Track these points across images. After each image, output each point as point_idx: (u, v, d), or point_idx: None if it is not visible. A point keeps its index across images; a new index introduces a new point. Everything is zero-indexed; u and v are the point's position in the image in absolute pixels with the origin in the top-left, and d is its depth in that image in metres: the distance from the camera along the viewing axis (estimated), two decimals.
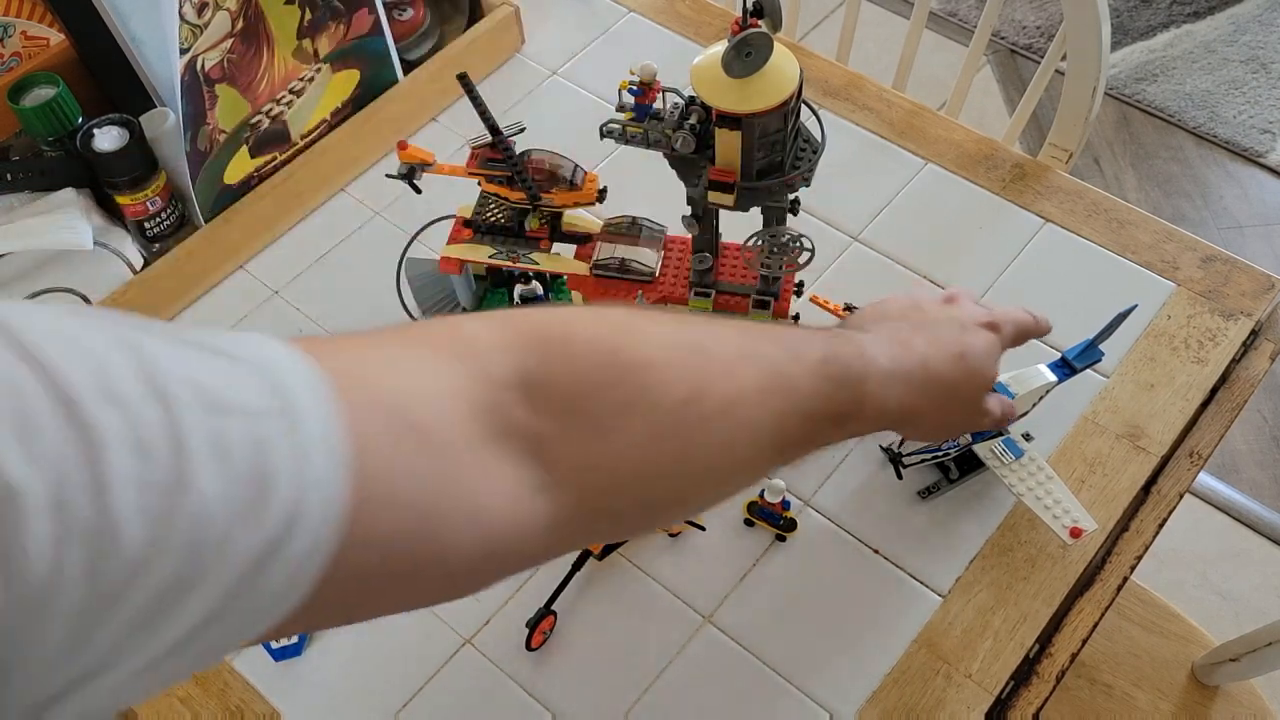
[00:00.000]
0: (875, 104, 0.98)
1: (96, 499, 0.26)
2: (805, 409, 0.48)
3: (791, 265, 0.69)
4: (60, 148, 0.88)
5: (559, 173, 0.74)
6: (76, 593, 0.26)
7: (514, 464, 0.39)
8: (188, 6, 0.80)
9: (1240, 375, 0.80)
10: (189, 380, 0.29)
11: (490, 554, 0.38)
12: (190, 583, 0.28)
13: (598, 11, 1.08)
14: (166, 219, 0.90)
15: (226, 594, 0.29)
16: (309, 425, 0.31)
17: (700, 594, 0.72)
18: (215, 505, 0.29)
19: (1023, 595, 0.70)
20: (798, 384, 0.48)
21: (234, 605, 0.30)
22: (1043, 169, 0.92)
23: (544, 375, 0.40)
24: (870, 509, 0.74)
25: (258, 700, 0.69)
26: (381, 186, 0.95)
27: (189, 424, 0.28)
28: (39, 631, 0.26)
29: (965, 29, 2.25)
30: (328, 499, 0.31)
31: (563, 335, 0.42)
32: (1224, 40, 2.20)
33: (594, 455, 0.41)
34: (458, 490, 0.37)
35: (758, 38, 0.58)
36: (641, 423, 0.42)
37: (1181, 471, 0.75)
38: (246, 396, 0.31)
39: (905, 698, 0.67)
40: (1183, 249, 0.86)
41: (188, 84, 0.84)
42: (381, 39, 0.97)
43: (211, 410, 0.29)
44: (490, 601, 0.72)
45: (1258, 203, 1.98)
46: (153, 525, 0.27)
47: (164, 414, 0.28)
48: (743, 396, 0.45)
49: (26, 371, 0.26)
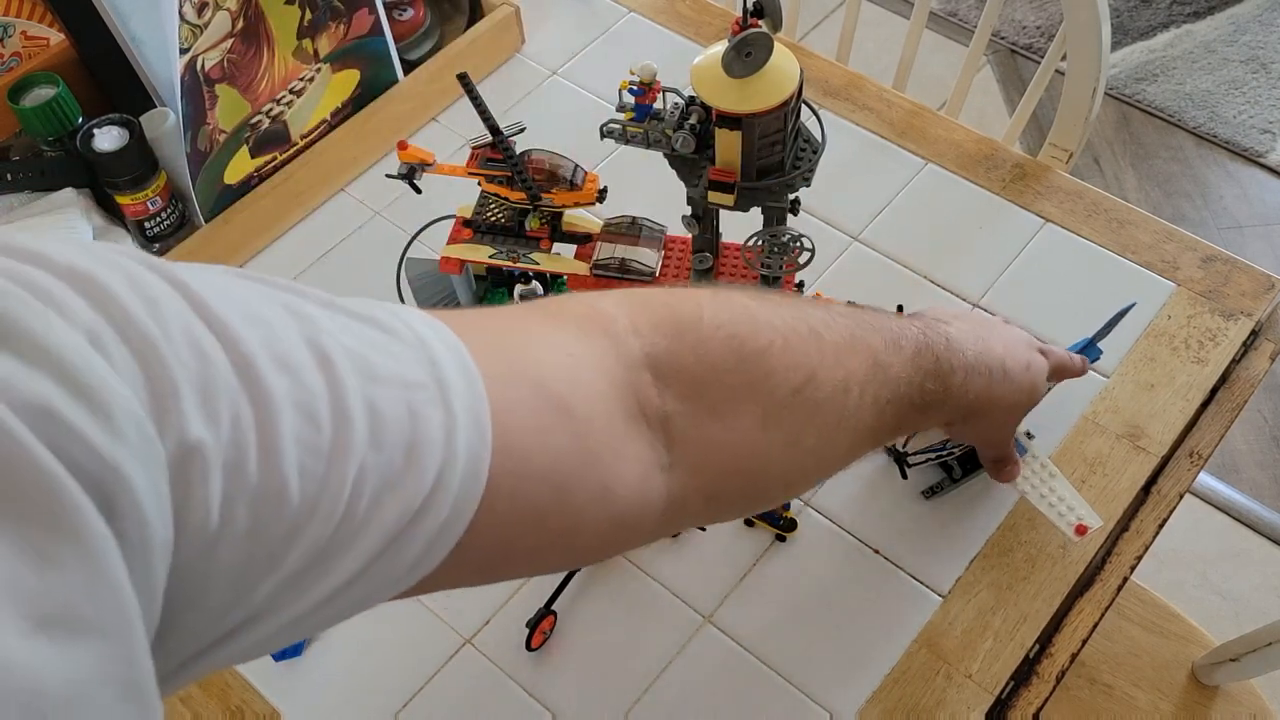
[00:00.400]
0: (875, 104, 0.98)
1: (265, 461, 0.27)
2: (900, 397, 0.49)
3: (792, 265, 0.69)
4: (60, 148, 0.88)
5: (559, 173, 0.73)
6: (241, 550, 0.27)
7: (644, 443, 0.40)
8: (188, 6, 0.80)
9: (1240, 375, 0.80)
10: (349, 349, 0.30)
11: (616, 529, 0.39)
12: (341, 545, 0.29)
13: (598, 11, 1.08)
14: (166, 219, 0.90)
15: (372, 556, 0.30)
16: (457, 398, 0.32)
17: (700, 594, 0.72)
18: (370, 472, 0.30)
19: (1023, 595, 0.70)
20: (895, 374, 0.49)
21: (378, 567, 0.31)
22: (1043, 169, 0.92)
23: (674, 358, 0.41)
24: (870, 509, 0.74)
25: (258, 700, 0.69)
26: (381, 186, 0.95)
27: (350, 392, 0.29)
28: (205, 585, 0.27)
29: (965, 29, 2.25)
30: (471, 471, 0.32)
31: (692, 319, 0.43)
32: (1224, 40, 2.20)
33: (714, 437, 0.42)
34: (593, 466, 0.37)
35: (758, 38, 0.58)
36: (758, 407, 0.43)
37: (1181, 471, 0.75)
38: (400, 367, 0.32)
39: (905, 698, 0.67)
40: (1183, 249, 0.86)
41: (188, 84, 0.84)
42: (381, 39, 0.97)
43: (369, 379, 0.30)
44: (490, 601, 0.72)
45: (1258, 203, 1.98)
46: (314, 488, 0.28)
47: (328, 381, 0.29)
48: (849, 384, 0.46)
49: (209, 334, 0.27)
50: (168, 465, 0.25)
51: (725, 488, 0.44)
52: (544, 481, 0.35)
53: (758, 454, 0.44)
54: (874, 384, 0.48)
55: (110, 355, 0.25)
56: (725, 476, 0.43)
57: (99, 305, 0.25)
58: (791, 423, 0.44)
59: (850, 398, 0.46)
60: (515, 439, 0.34)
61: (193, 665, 0.29)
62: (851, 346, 0.47)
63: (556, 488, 0.36)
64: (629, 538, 0.42)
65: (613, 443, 0.38)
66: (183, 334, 0.27)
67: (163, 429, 0.25)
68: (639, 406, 0.40)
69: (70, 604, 0.22)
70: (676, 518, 0.43)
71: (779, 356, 0.44)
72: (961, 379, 0.54)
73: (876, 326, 0.50)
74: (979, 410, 0.57)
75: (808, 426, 0.45)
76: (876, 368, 0.48)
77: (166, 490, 0.25)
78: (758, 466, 0.44)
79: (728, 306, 0.44)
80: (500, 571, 0.38)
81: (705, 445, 0.42)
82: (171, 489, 0.25)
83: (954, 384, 0.53)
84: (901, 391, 0.49)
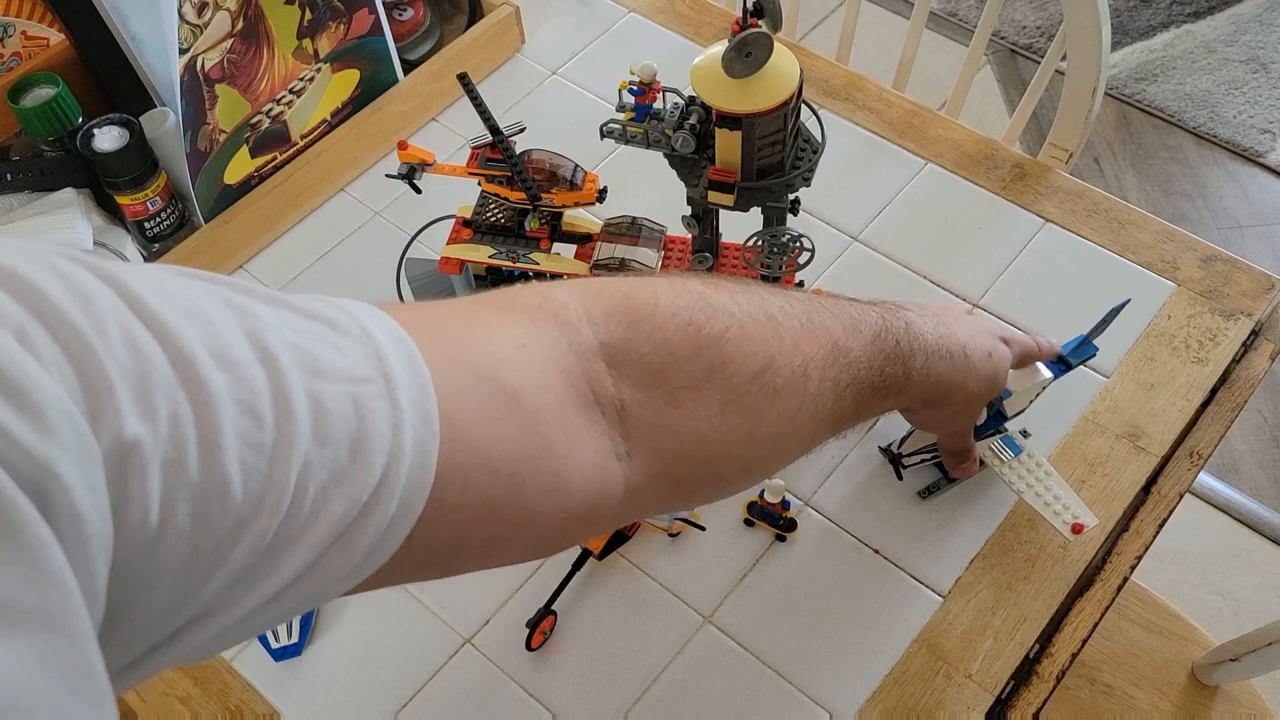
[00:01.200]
0: (875, 104, 0.98)
1: (206, 457, 0.27)
2: (859, 381, 0.49)
3: (791, 265, 0.69)
4: (60, 148, 0.88)
5: (559, 173, 0.74)
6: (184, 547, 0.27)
7: (599, 432, 0.40)
8: (188, 6, 0.80)
9: (1240, 375, 0.80)
10: (293, 344, 0.30)
11: (574, 518, 0.39)
12: (288, 540, 0.29)
13: (598, 11, 1.08)
14: (166, 219, 0.90)
15: (320, 551, 0.30)
16: (403, 391, 0.32)
17: (700, 594, 0.72)
18: (315, 467, 0.29)
19: (1023, 595, 0.70)
20: (855, 358, 0.49)
21: (327, 562, 0.31)
22: (1043, 169, 0.92)
23: (629, 346, 0.41)
24: (870, 509, 0.74)
25: (258, 700, 0.69)
26: (381, 186, 0.95)
27: (293, 387, 0.29)
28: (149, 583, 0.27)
29: (965, 29, 2.25)
30: (418, 464, 0.32)
31: (647, 307, 0.43)
32: (1224, 40, 2.20)
33: (672, 425, 0.42)
34: (546, 456, 0.37)
35: (758, 38, 0.58)
36: (716, 394, 0.43)
37: (1181, 471, 0.75)
38: (345, 361, 0.31)
39: (905, 698, 0.67)
40: (1183, 249, 0.86)
41: (188, 84, 0.84)
42: (381, 39, 0.97)
43: (313, 374, 0.30)
44: (490, 601, 0.72)
45: (1258, 203, 1.98)
46: (257, 484, 0.28)
47: (270, 376, 0.29)
48: (807, 370, 0.46)
49: (145, 332, 0.27)
50: (104, 462, 0.25)
51: (684, 474, 0.44)
52: (495, 473, 0.35)
53: (716, 440, 0.44)
54: (833, 368, 0.48)
55: (39, 352, 0.25)
56: (684, 463, 0.43)
57: (26, 302, 0.25)
58: (750, 409, 0.44)
59: (809, 383, 0.46)
60: (464, 431, 0.34)
61: (144, 663, 0.29)
62: (809, 332, 0.47)
63: (508, 479, 0.36)
64: (587, 527, 0.41)
65: (566, 432, 0.38)
66: (118, 330, 0.26)
67: (97, 426, 0.25)
68: (593, 395, 0.40)
69: (12, 597, 0.22)
70: (636, 506, 0.43)
71: (736, 343, 0.44)
72: (922, 363, 0.54)
73: (835, 312, 0.50)
74: (941, 396, 0.58)
75: (766, 412, 0.45)
76: (835, 352, 0.48)
77: (104, 487, 0.25)
78: (717, 453, 0.44)
79: (684, 294, 0.44)
80: (456, 564, 0.38)
81: (663, 432, 0.42)
82: (109, 486, 0.25)
83: (915, 368, 0.53)
84: (861, 376, 0.50)
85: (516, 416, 0.36)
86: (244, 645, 0.71)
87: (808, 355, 0.46)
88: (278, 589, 0.30)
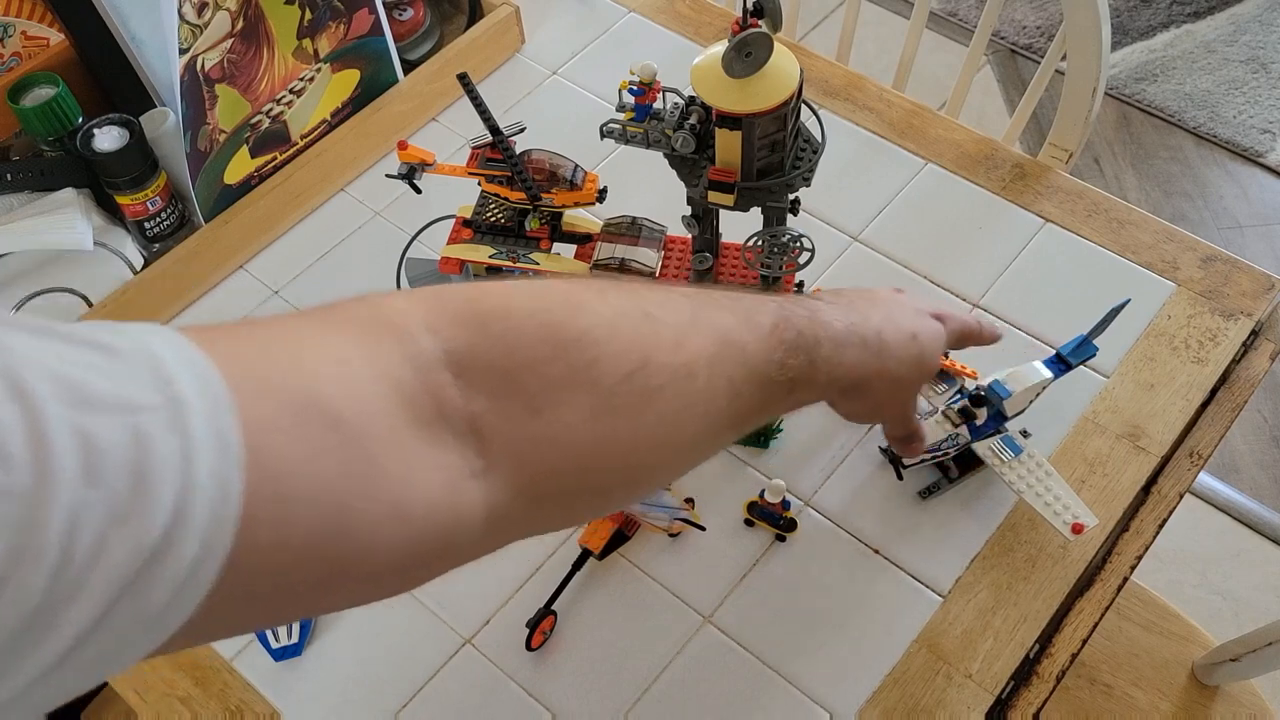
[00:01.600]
0: (875, 104, 0.98)
1: None
2: (759, 376, 0.47)
3: (791, 265, 0.69)
4: (60, 148, 0.88)
5: (559, 173, 0.74)
6: None
7: (447, 450, 0.36)
8: (188, 6, 0.80)
9: (1240, 375, 0.80)
10: (53, 375, 0.27)
11: (421, 550, 0.35)
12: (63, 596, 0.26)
13: (598, 11, 1.08)
14: (166, 219, 0.90)
15: (107, 605, 0.27)
16: (195, 418, 0.29)
17: (700, 594, 0.72)
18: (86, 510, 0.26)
19: (1023, 595, 0.70)
20: (751, 351, 0.46)
21: (117, 617, 0.27)
22: (1043, 169, 0.92)
23: (477, 352, 0.38)
24: (870, 509, 0.74)
25: (258, 700, 0.69)
26: (381, 186, 0.95)
27: (51, 423, 0.26)
28: None
29: (965, 29, 2.25)
30: (218, 498, 0.29)
31: (498, 310, 0.39)
32: (1224, 40, 2.20)
33: (533, 435, 0.38)
34: (378, 482, 0.34)
35: (758, 38, 0.58)
36: (584, 398, 0.39)
37: (1181, 471, 0.75)
38: (122, 390, 0.28)
39: (905, 698, 0.67)
40: (1183, 249, 0.86)
41: (188, 84, 0.84)
42: (381, 39, 0.97)
43: (78, 406, 0.27)
44: (490, 601, 0.72)
45: (1258, 203, 1.98)
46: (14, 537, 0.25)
47: (22, 412, 0.26)
48: (694, 367, 0.43)
49: None
50: None
51: (556, 489, 0.40)
52: (314, 505, 0.31)
53: (590, 449, 0.40)
54: (726, 364, 0.45)
55: None
56: (554, 477, 0.40)
57: None
58: (626, 412, 0.40)
59: (697, 381, 0.43)
60: (273, 459, 0.30)
61: None
62: (694, 327, 0.44)
63: (333, 510, 0.32)
64: (444, 557, 0.37)
65: (401, 454, 0.35)
66: None
67: None
68: (437, 410, 0.36)
69: None
70: (504, 528, 0.39)
71: (604, 342, 0.40)
72: (830, 351, 0.51)
73: (726, 305, 0.47)
74: (859, 385, 0.54)
75: (646, 414, 0.41)
76: (726, 346, 0.45)
77: None
78: (592, 463, 0.41)
79: (543, 294, 0.41)
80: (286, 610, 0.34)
81: (525, 444, 0.38)
82: None
83: (820, 357, 0.50)
84: (760, 370, 0.46)
85: (337, 440, 0.33)
86: (244, 645, 0.71)
87: (693, 352, 0.43)
88: (58, 655, 0.26)
